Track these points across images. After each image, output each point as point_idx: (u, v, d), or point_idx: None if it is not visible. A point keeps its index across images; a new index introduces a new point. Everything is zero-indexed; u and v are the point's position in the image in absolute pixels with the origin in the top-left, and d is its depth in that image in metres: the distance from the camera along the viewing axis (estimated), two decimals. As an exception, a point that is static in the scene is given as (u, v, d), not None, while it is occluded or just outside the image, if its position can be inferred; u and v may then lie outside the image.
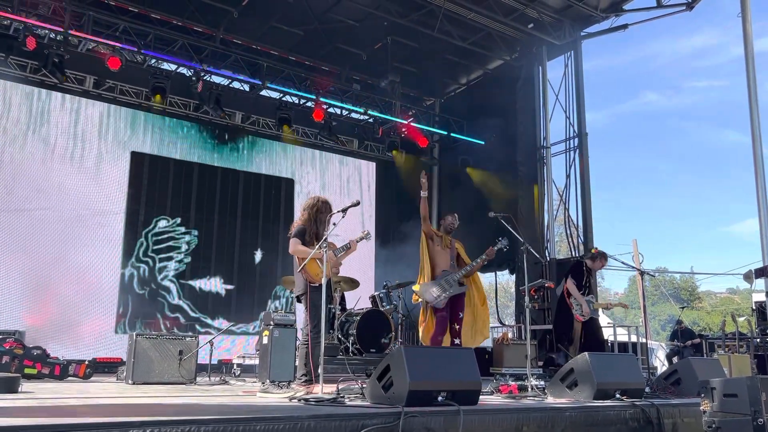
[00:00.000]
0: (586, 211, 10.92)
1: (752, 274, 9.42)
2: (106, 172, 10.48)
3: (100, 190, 10.37)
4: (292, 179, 12.40)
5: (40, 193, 9.80)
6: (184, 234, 11.04)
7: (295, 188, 12.36)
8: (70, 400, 4.42)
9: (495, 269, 12.60)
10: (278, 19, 10.87)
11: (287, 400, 4.39)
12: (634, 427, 4.47)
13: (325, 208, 5.79)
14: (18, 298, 9.29)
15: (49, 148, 10.02)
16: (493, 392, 5.50)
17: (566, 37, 11.39)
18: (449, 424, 3.62)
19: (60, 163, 10.10)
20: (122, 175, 10.62)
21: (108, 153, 10.55)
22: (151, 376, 6.79)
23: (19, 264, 9.38)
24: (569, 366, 5.24)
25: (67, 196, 10.02)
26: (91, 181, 10.30)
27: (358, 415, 3.38)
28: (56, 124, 10.14)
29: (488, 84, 13.02)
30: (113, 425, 2.68)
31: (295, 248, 5.58)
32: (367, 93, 12.43)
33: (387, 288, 9.25)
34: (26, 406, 3.92)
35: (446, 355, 4.50)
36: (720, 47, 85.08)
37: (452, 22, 10.91)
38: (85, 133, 10.37)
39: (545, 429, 4.03)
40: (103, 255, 10.18)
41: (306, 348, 5.38)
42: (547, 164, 11.57)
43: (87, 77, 10.45)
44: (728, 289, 44.83)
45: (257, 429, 2.98)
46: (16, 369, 6.73)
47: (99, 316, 9.92)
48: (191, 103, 11.31)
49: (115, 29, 9.87)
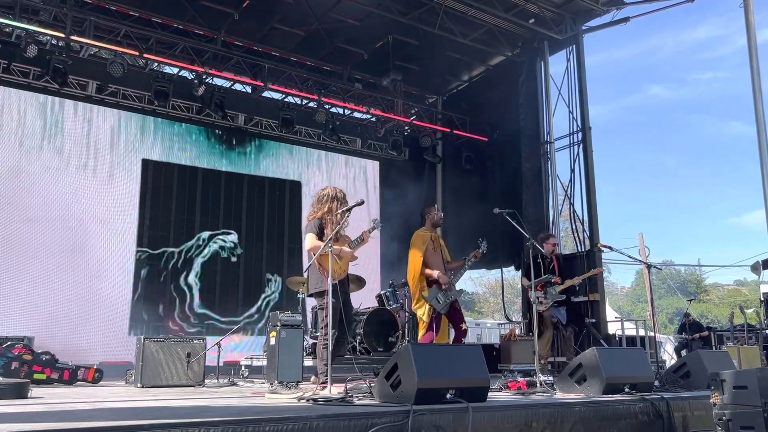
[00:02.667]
0: (591, 205, 10.89)
1: (760, 265, 9.39)
2: (117, 180, 10.57)
3: (112, 198, 10.46)
4: (299, 181, 12.41)
5: (53, 202, 9.88)
6: (197, 239, 11.09)
7: (302, 190, 12.38)
8: (80, 404, 4.43)
9: (501, 265, 12.59)
10: (279, 20, 10.88)
11: (296, 401, 4.38)
12: (644, 421, 4.45)
13: (339, 201, 5.59)
14: (28, 304, 9.34)
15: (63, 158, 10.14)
16: (502, 389, 5.48)
17: (567, 31, 11.36)
18: (458, 422, 3.61)
19: (74, 173, 10.20)
20: (133, 182, 10.69)
21: (119, 161, 10.64)
22: (159, 379, 6.79)
23: (31, 271, 9.46)
24: (578, 361, 5.23)
25: (79, 204, 10.10)
26: (103, 189, 10.40)
27: (367, 414, 3.37)
28: (69, 134, 10.25)
29: (490, 80, 13.00)
30: (123, 429, 2.68)
31: (311, 246, 5.38)
32: (369, 92, 12.42)
33: (393, 287, 9.24)
34: (36, 411, 3.93)
35: (454, 353, 4.49)
36: (724, 38, 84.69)
37: (453, 19, 10.89)
38: (97, 143, 10.47)
39: (555, 424, 4.02)
40: (115, 263, 10.26)
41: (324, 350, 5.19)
42: (551, 159, 11.54)
43: (90, 82, 10.47)
44: (736, 281, 44.72)
45: (267, 430, 2.98)
46: (26, 374, 6.75)
47: (109, 322, 9.96)
48: (194, 106, 11.33)
49: (116, 34, 9.89)
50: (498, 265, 12.67)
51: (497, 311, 31.99)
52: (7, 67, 9.71)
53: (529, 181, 11.61)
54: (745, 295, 38.64)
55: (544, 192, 11.47)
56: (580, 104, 11.27)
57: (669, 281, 39.80)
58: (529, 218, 10.97)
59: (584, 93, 11.26)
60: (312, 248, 5.41)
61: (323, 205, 5.59)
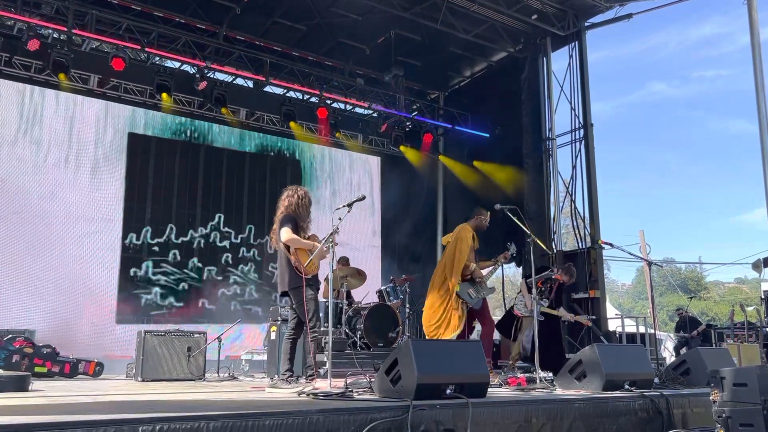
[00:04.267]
0: (592, 202, 10.89)
1: (761, 263, 9.39)
2: (104, 173, 10.45)
3: (99, 192, 10.36)
4: (300, 176, 12.39)
5: (41, 196, 9.82)
6: (186, 234, 11.07)
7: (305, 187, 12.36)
8: (81, 397, 4.44)
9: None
10: (281, 15, 10.86)
11: (296, 395, 4.39)
12: (643, 418, 4.46)
13: (309, 200, 5.65)
14: (29, 298, 9.37)
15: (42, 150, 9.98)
16: (502, 385, 5.50)
17: (570, 27, 11.34)
18: (458, 417, 3.61)
19: (62, 166, 10.11)
20: (120, 176, 10.57)
21: (107, 153, 10.51)
22: (160, 373, 6.82)
23: (26, 265, 9.45)
24: (578, 357, 5.23)
25: (67, 197, 10.04)
26: (89, 182, 10.29)
27: (367, 409, 3.38)
28: (50, 126, 10.05)
29: (492, 76, 12.97)
30: (123, 422, 2.69)
31: (290, 237, 5.30)
32: (370, 87, 12.41)
33: (394, 282, 9.24)
34: (37, 404, 3.94)
35: (454, 348, 4.49)
36: (727, 36, 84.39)
37: (455, 14, 10.87)
38: (81, 134, 10.31)
39: (554, 420, 4.02)
40: (103, 254, 10.23)
41: (312, 343, 5.24)
42: (552, 156, 11.53)
43: (91, 76, 10.45)
44: (736, 279, 44.72)
45: (267, 424, 2.98)
46: (27, 367, 6.77)
47: (102, 315, 9.98)
48: (195, 101, 11.32)
49: (118, 28, 9.88)
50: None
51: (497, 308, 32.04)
52: (8, 60, 9.71)
53: (530, 178, 11.60)
54: (746, 292, 38.65)
55: (545, 188, 11.46)
56: (582, 101, 11.25)
57: (670, 278, 39.79)
58: (531, 215, 10.96)
59: (586, 89, 11.24)
60: (288, 240, 5.34)
61: (290, 200, 5.57)
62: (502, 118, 12.39)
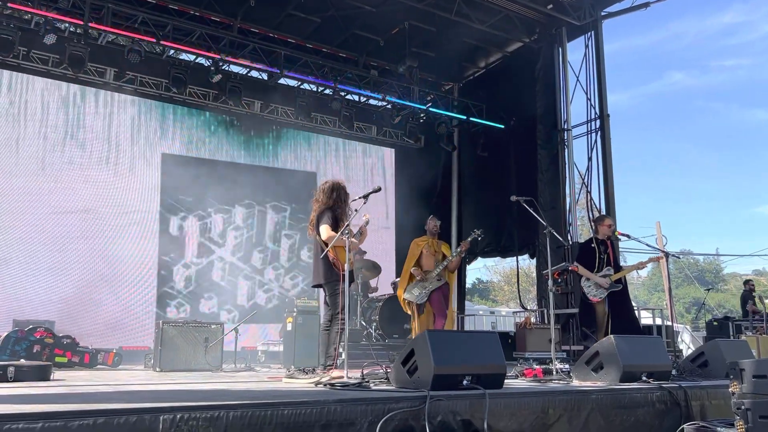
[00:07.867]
0: (608, 193, 10.79)
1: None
2: (139, 172, 10.72)
3: (134, 190, 10.62)
4: (314, 172, 12.43)
5: (75, 195, 10.06)
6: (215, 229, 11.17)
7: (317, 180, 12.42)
8: (101, 387, 4.50)
9: (516, 254, 12.55)
10: (295, 7, 10.85)
11: (313, 386, 4.43)
12: (661, 410, 4.43)
13: (345, 192, 5.76)
14: (49, 289, 9.51)
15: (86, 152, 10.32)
16: (518, 376, 5.50)
17: (586, 17, 11.21)
18: (475, 408, 3.62)
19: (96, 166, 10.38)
20: (154, 174, 10.83)
21: (140, 154, 10.79)
22: (177, 363, 6.90)
23: (53, 259, 9.66)
24: (594, 349, 5.21)
25: (101, 197, 10.27)
26: (125, 181, 10.56)
27: (385, 399, 3.39)
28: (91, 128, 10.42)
29: (507, 67, 12.87)
30: (145, 411, 2.72)
31: (329, 235, 5.45)
32: (384, 79, 12.38)
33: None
34: (59, 393, 4.00)
35: (470, 339, 4.50)
36: (748, 24, 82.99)
37: (470, 4, 10.79)
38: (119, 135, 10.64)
39: (571, 412, 4.01)
40: (137, 250, 10.44)
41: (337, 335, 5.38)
42: (568, 147, 11.44)
43: (108, 69, 10.53)
44: (754, 271, 44.15)
45: (285, 413, 3.00)
46: (47, 357, 6.89)
47: (127, 308, 10.11)
48: (210, 93, 11.37)
49: (134, 21, 9.93)
50: (513, 254, 12.63)
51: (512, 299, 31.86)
52: (27, 54, 9.81)
53: (545, 169, 11.51)
54: (765, 284, 38.20)
55: (560, 180, 11.37)
56: (598, 91, 11.14)
57: (686, 270, 39.45)
58: (545, 206, 10.90)
59: (603, 80, 11.12)
60: (329, 238, 5.46)
61: (327, 196, 5.69)
62: (517, 109, 12.30)
